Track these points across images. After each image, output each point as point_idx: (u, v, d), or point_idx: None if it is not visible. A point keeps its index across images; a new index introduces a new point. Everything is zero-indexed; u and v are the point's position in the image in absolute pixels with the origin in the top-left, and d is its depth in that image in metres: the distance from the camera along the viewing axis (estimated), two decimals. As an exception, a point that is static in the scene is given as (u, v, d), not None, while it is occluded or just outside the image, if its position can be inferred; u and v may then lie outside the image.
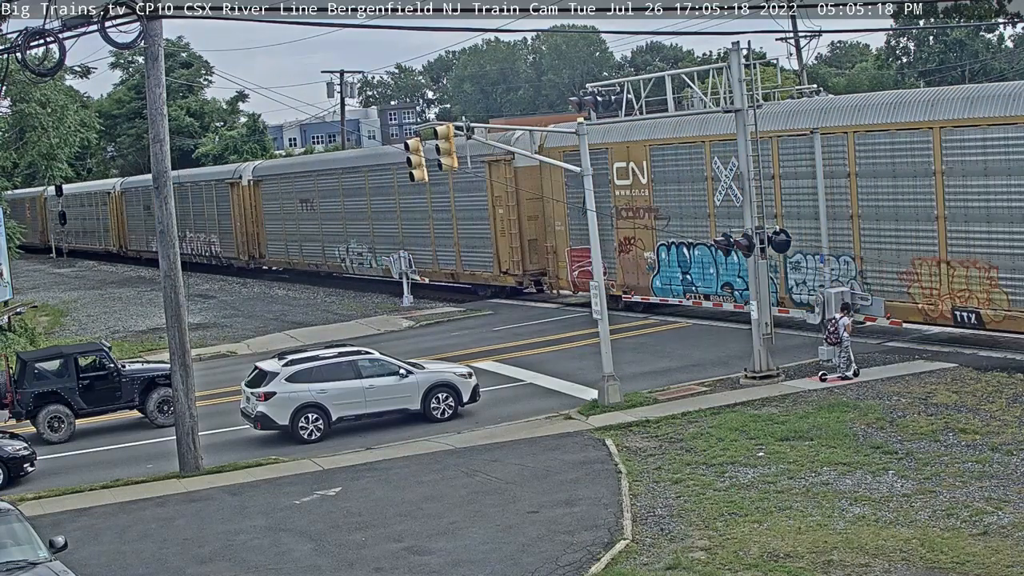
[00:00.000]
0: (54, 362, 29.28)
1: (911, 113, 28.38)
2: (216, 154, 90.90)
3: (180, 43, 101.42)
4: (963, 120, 26.96)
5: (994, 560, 15.38)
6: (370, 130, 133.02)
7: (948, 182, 27.36)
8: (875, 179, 29.13)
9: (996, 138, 26.32)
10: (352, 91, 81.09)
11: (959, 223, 27.31)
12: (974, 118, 26.76)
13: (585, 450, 22.51)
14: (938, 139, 27.37)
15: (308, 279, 56.79)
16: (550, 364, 31.57)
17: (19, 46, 24.15)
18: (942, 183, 27.46)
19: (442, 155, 26.37)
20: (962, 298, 27.45)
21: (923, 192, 28.03)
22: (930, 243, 28.04)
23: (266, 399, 25.75)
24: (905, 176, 28.39)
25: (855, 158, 29.46)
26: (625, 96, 28.36)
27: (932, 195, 27.77)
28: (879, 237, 29.32)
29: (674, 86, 28.75)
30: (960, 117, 27.10)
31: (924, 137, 27.79)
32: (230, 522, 20.16)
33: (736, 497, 18.77)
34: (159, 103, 23.52)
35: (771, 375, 26.64)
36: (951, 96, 28.14)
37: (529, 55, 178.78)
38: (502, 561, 16.92)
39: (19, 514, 16.39)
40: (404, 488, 21.12)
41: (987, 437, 20.81)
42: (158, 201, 23.92)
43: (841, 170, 29.85)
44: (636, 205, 36.81)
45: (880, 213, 29.16)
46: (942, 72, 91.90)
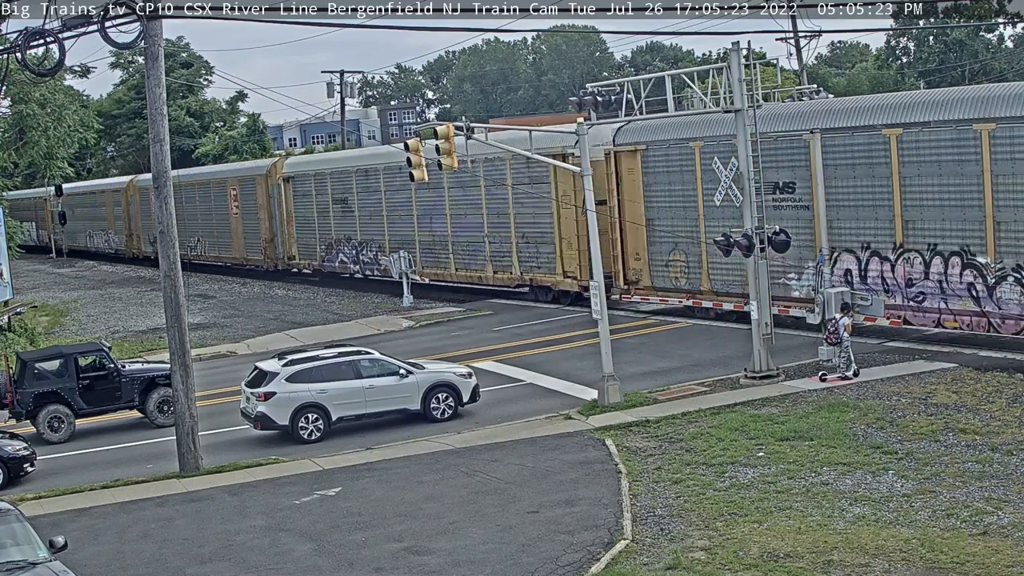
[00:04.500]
0: (54, 362, 29.27)
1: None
2: (216, 154, 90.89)
3: (180, 43, 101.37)
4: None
5: (994, 560, 15.37)
6: (370, 130, 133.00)
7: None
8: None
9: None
10: (352, 91, 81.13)
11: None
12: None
13: (585, 450, 22.51)
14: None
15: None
16: (550, 364, 31.57)
17: (19, 46, 24.15)
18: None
19: (442, 155, 26.40)
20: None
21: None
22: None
23: (266, 399, 25.75)
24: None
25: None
26: (625, 96, 28.37)
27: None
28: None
29: (674, 86, 28.75)
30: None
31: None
32: (230, 522, 20.16)
33: (736, 497, 18.77)
34: (159, 103, 23.52)
35: (771, 375, 26.65)
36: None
37: (529, 55, 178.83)
38: (502, 561, 16.92)
39: (19, 514, 16.38)
40: (404, 488, 21.12)
41: (987, 437, 20.81)
42: (158, 201, 23.94)
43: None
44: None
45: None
46: (942, 72, 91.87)
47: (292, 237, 56.95)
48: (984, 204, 26.80)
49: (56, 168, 61.83)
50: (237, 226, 61.93)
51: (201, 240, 66.08)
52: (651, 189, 36.19)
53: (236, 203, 61.72)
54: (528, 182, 40.00)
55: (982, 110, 26.79)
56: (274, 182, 57.95)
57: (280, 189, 57.34)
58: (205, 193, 65.05)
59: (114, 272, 71.54)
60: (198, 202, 65.60)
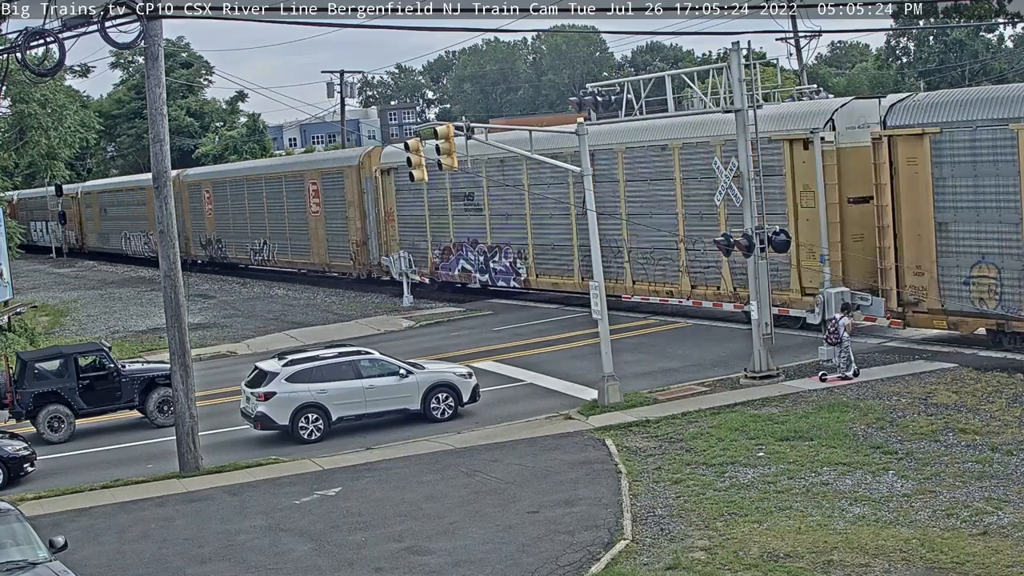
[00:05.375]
0: (54, 362, 29.26)
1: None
2: (216, 154, 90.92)
3: (180, 43, 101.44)
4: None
5: (994, 560, 15.38)
6: (370, 130, 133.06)
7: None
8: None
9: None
10: (352, 91, 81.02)
11: None
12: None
13: (585, 450, 22.51)
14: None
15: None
16: (550, 364, 31.57)
17: (19, 46, 24.18)
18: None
19: (442, 155, 26.39)
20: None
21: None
22: None
23: (266, 399, 25.75)
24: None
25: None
26: (625, 96, 28.37)
27: None
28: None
29: (674, 86, 28.75)
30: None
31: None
32: (230, 522, 20.16)
33: (736, 497, 18.77)
34: (159, 103, 23.52)
35: (771, 375, 26.65)
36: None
37: (529, 55, 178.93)
38: (502, 561, 16.92)
39: (19, 514, 16.38)
40: (404, 488, 21.12)
41: (987, 437, 20.81)
42: (158, 201, 23.92)
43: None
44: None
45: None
46: (942, 72, 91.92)
47: (393, 239, 48.40)
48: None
49: (56, 168, 61.82)
50: (318, 226, 53.60)
51: (269, 243, 58.57)
52: (945, 184, 27.74)
53: (316, 200, 53.38)
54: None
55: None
56: (368, 175, 49.47)
57: (376, 183, 48.96)
58: (275, 188, 57.57)
59: (114, 272, 71.52)
60: (265, 199, 58.29)
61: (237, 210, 61.33)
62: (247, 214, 60.18)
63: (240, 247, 61.51)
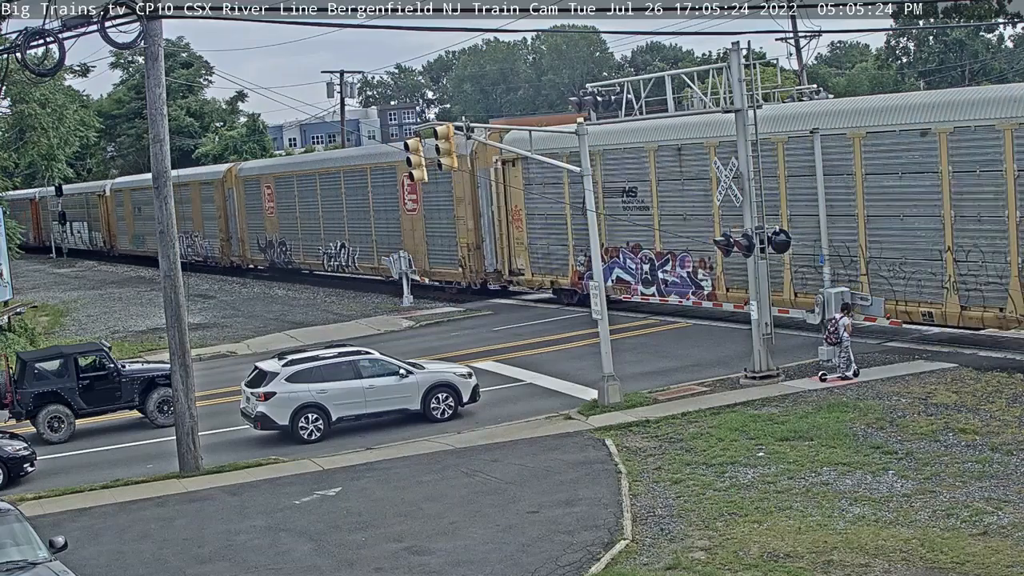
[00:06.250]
0: (54, 362, 29.28)
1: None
2: (216, 154, 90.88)
3: (180, 43, 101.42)
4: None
5: (994, 560, 15.38)
6: (370, 130, 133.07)
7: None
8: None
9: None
10: (352, 91, 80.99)
11: None
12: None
13: (585, 450, 22.51)
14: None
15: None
16: (550, 364, 31.57)
17: (19, 46, 24.17)
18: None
19: (441, 155, 26.38)
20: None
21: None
22: None
23: (266, 399, 25.76)
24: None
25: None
26: (625, 96, 28.37)
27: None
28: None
29: (674, 86, 28.75)
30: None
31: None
32: (230, 522, 20.16)
33: (736, 497, 18.78)
34: (159, 103, 23.52)
35: (771, 375, 26.65)
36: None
37: (529, 55, 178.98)
38: (502, 561, 16.92)
39: (19, 514, 16.39)
40: (404, 488, 21.12)
41: (987, 437, 20.81)
42: (158, 201, 23.90)
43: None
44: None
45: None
46: (942, 72, 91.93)
47: (520, 244, 41.37)
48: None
49: (56, 168, 61.74)
50: (414, 228, 46.53)
51: (348, 246, 51.56)
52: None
53: (413, 196, 46.09)
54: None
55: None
56: (484, 167, 42.39)
57: (495, 176, 42.23)
58: (356, 183, 50.33)
59: (114, 272, 71.54)
60: (344, 195, 51.24)
61: (307, 208, 54.54)
62: (319, 213, 53.30)
63: (310, 251, 54.39)
